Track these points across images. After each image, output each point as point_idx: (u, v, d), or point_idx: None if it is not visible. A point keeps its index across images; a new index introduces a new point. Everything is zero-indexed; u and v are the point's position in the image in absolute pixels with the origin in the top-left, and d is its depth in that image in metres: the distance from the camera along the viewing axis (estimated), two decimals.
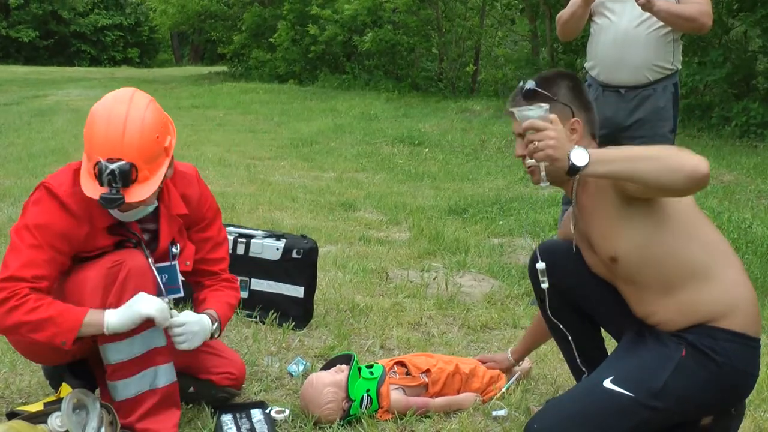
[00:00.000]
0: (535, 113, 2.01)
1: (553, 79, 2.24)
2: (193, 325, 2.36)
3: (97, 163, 2.13)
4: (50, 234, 2.23)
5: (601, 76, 3.74)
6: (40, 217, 2.24)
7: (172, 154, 2.32)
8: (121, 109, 2.19)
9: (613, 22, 3.64)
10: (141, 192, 2.19)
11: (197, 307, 2.57)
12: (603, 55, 3.70)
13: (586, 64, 3.88)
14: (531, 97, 2.17)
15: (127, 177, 2.13)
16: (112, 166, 2.12)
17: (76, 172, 2.28)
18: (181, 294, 2.50)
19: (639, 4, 3.38)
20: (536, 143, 1.95)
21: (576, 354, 2.44)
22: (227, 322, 2.59)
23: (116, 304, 2.24)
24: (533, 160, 2.02)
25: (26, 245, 2.22)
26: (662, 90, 3.65)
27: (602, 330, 2.50)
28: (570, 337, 2.43)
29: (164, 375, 2.35)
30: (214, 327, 2.45)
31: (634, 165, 1.91)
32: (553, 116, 1.98)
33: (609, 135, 3.52)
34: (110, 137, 2.16)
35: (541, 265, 2.28)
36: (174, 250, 2.46)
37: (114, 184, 2.12)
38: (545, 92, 2.17)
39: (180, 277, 2.48)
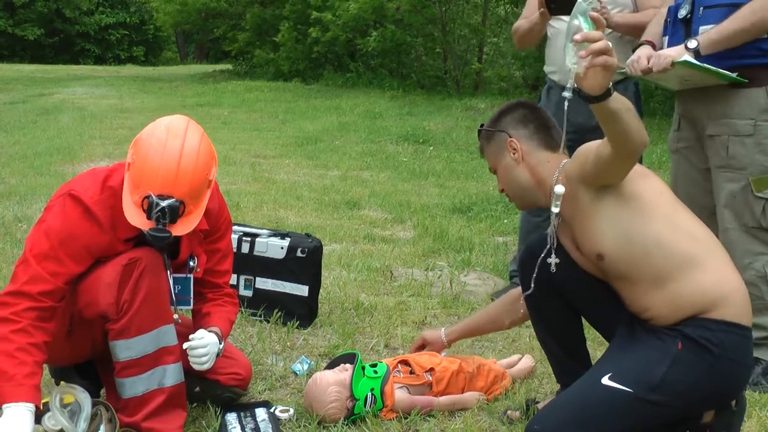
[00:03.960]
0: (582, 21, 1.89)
1: (499, 116, 2.41)
2: (213, 346, 2.41)
3: (147, 197, 2.14)
4: (72, 244, 2.22)
5: (561, 80, 3.72)
6: (63, 225, 2.23)
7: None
8: (176, 144, 2.19)
9: None
10: (185, 227, 2.21)
11: (199, 320, 2.57)
12: (562, 60, 3.67)
13: (546, 68, 3.86)
14: (481, 136, 2.43)
15: (175, 214, 2.16)
16: (164, 204, 2.13)
17: (105, 181, 2.29)
18: (191, 306, 2.52)
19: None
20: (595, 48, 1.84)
21: (558, 348, 2.49)
22: (227, 338, 2.62)
23: (130, 301, 2.24)
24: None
25: (39, 255, 2.20)
26: (623, 89, 3.62)
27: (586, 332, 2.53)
28: (553, 330, 2.47)
29: (173, 374, 2.35)
30: (221, 346, 2.48)
31: (632, 116, 1.94)
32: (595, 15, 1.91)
33: (576, 137, 3.48)
34: (163, 174, 2.15)
35: (559, 188, 2.16)
36: (192, 263, 2.48)
37: (162, 220, 2.14)
38: (488, 128, 2.39)
39: (192, 290, 2.49)
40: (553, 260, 2.31)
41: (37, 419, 2.19)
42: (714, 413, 2.16)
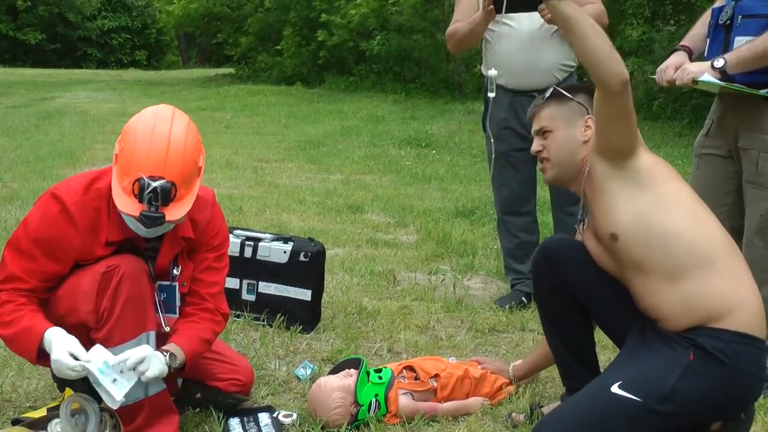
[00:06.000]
0: None
1: (574, 87, 2.46)
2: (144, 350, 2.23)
3: (138, 180, 2.11)
4: (46, 242, 2.24)
5: (509, 84, 3.67)
6: (40, 223, 2.26)
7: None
8: (165, 127, 2.18)
9: (515, 28, 3.57)
10: (178, 211, 2.17)
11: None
12: (510, 63, 3.61)
13: (488, 72, 3.65)
14: (553, 96, 2.40)
15: (167, 196, 2.12)
16: (155, 184, 2.10)
17: (92, 182, 2.28)
18: (176, 315, 2.46)
19: (546, 20, 3.35)
20: None
21: (566, 351, 2.47)
22: (196, 357, 2.41)
23: (110, 309, 2.21)
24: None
25: (15, 252, 2.26)
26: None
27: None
28: (563, 332, 2.46)
29: (155, 383, 2.29)
30: (163, 369, 2.24)
31: (593, 31, 2.04)
32: None
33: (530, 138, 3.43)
34: (154, 155, 2.13)
35: (493, 72, 2.78)
36: (175, 271, 2.42)
37: (154, 202, 2.10)
38: (566, 93, 2.37)
39: (178, 299, 2.44)
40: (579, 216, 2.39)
41: (44, 425, 2.19)
42: (721, 423, 2.14)
